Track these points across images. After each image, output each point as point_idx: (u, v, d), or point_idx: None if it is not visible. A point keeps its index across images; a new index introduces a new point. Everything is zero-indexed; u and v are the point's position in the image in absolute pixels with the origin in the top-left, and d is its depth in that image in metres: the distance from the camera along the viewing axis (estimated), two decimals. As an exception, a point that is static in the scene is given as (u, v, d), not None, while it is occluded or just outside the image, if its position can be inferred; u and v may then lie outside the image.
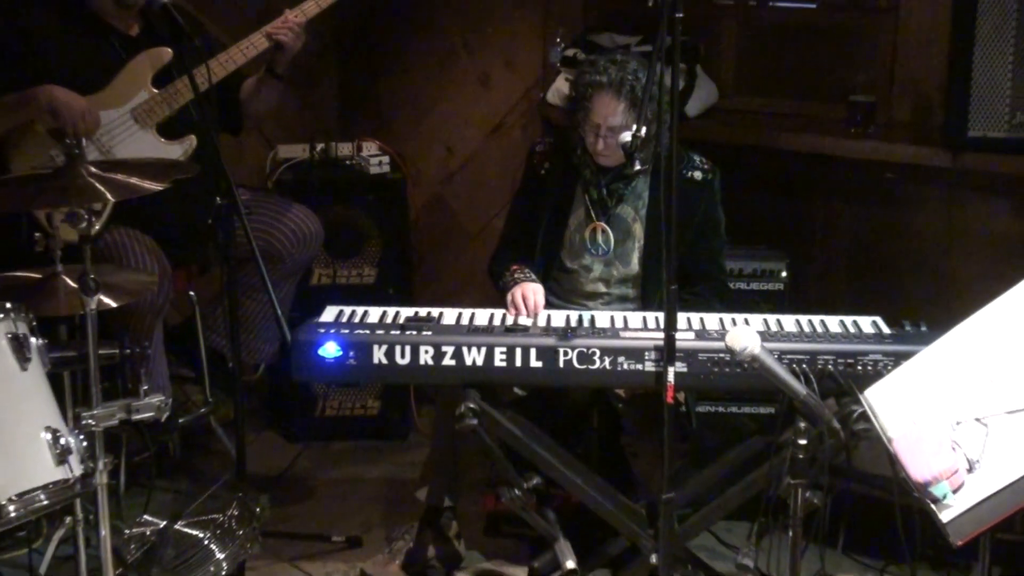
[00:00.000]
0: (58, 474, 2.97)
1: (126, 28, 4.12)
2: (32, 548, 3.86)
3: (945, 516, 2.32)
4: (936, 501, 2.35)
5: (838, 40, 4.82)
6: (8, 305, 3.01)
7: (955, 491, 2.33)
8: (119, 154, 4.01)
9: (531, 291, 3.70)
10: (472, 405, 3.33)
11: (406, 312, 3.60)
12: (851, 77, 4.66)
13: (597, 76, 3.78)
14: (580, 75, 3.90)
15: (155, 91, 4.05)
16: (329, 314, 3.61)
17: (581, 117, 3.83)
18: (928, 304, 4.19)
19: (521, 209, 4.10)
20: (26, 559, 3.85)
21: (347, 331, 3.45)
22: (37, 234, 3.20)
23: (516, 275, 3.83)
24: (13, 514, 2.89)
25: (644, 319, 3.56)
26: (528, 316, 3.62)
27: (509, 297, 3.72)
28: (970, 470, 2.34)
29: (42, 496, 2.94)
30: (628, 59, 3.84)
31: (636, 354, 3.35)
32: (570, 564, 3.42)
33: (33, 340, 3.04)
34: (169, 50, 3.98)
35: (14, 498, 2.88)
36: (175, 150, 4.09)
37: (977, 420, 2.41)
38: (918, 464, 2.40)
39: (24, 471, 2.92)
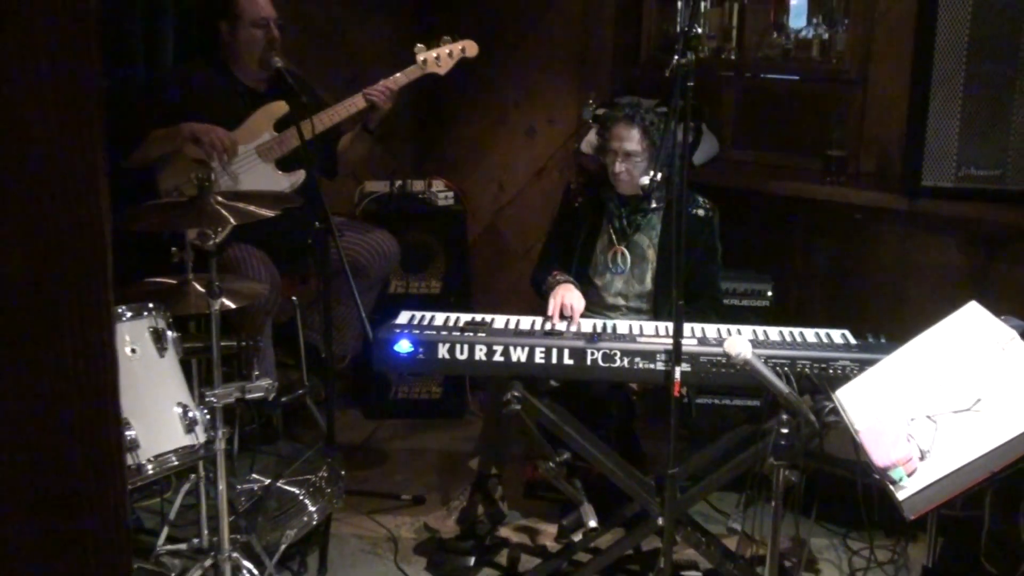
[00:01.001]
0: (186, 440, 3.02)
1: (257, 87, 4.18)
2: (164, 498, 3.89)
3: (901, 495, 2.30)
4: (894, 483, 2.33)
5: (817, 105, 4.79)
6: (150, 305, 3.06)
7: (909, 475, 2.31)
8: (244, 180, 4.05)
9: (571, 300, 3.67)
10: (516, 393, 3.32)
11: (465, 317, 3.59)
12: (827, 135, 4.61)
13: (615, 112, 3.81)
14: (604, 116, 3.91)
15: (275, 134, 4.09)
16: (403, 317, 3.61)
17: (604, 148, 3.83)
18: (888, 320, 4.15)
19: (558, 234, 4.09)
20: (159, 506, 3.89)
21: (417, 331, 3.45)
22: (173, 248, 3.22)
23: (558, 277, 3.81)
24: (151, 471, 2.94)
25: (656, 327, 3.54)
26: (570, 324, 3.60)
27: (553, 299, 3.68)
28: (922, 458, 2.32)
29: (173, 458, 2.99)
30: (641, 102, 3.84)
31: (649, 356, 3.33)
32: (592, 523, 3.41)
33: (169, 333, 3.08)
34: (285, 104, 4.01)
35: (151, 459, 2.93)
36: (287, 180, 4.11)
37: (928, 417, 2.39)
38: (879, 452, 2.38)
39: (159, 437, 2.96)
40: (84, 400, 0.93)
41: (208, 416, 3.07)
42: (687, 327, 3.34)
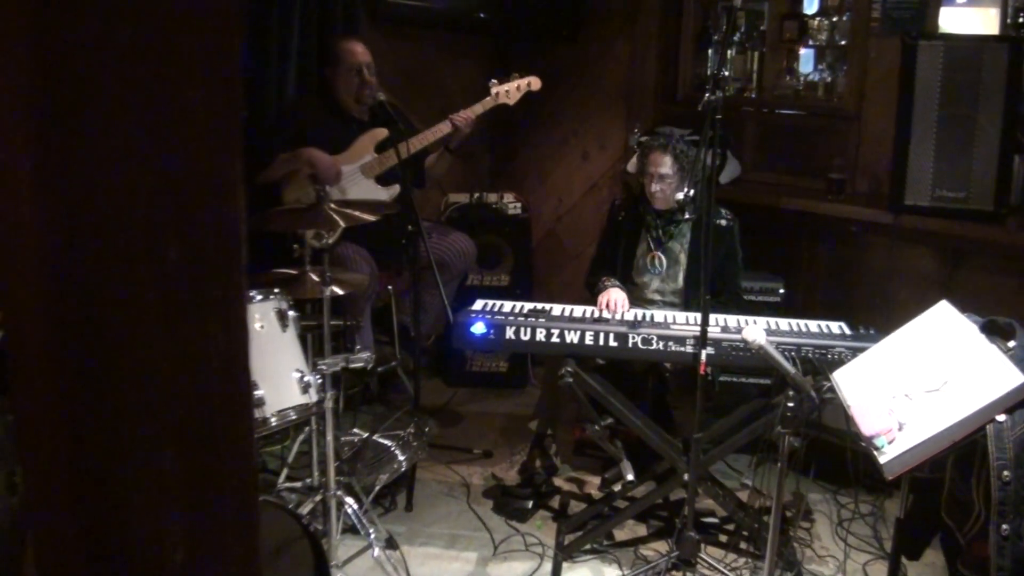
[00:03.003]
0: (302, 399, 3.06)
1: (360, 116, 4.22)
2: (283, 445, 3.97)
3: (882, 460, 2.28)
4: (877, 449, 2.31)
5: (821, 136, 4.74)
6: (275, 290, 3.10)
7: (889, 443, 2.29)
8: (351, 192, 4.10)
9: (617, 297, 3.68)
10: (569, 368, 3.33)
11: (528, 305, 3.61)
12: (829, 161, 4.57)
13: (652, 141, 3.80)
14: (642, 145, 3.91)
15: (375, 155, 4.13)
16: (478, 305, 3.63)
17: (643, 171, 3.82)
18: (876, 314, 4.10)
19: (606, 242, 4.08)
20: (279, 452, 3.96)
21: (490, 316, 3.47)
22: (295, 245, 3.28)
23: (606, 283, 3.81)
24: (274, 423, 2.99)
25: (686, 317, 3.53)
26: (615, 315, 3.60)
27: (602, 298, 3.68)
28: (900, 429, 2.29)
29: (292, 413, 3.03)
30: (675, 132, 3.84)
31: (680, 340, 3.33)
32: (630, 476, 3.41)
33: (290, 313, 3.13)
34: (385, 130, 4.05)
35: (274, 413, 2.98)
36: (385, 193, 4.16)
37: (906, 395, 2.36)
38: (866, 423, 2.36)
39: (281, 396, 3.01)
40: (223, 364, 0.97)
41: (320, 380, 3.11)
42: (712, 317, 3.33)
